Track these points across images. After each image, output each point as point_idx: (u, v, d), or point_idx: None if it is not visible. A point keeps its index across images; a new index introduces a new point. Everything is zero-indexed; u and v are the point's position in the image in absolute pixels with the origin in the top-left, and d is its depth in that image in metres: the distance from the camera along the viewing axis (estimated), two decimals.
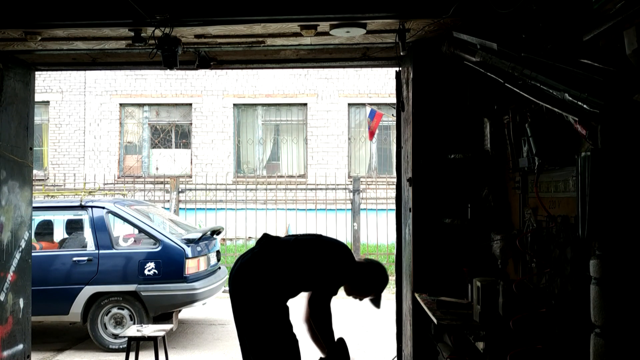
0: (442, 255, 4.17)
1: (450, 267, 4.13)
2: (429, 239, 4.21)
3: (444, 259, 4.16)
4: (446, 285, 4.10)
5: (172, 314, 6.57)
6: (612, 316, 2.22)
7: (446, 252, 4.17)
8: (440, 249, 4.19)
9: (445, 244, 4.18)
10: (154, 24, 3.82)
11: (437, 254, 4.18)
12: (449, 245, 4.17)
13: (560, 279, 2.93)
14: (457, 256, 4.11)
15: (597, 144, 2.35)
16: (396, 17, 3.81)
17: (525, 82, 2.86)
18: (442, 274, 4.17)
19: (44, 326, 7.19)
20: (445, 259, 4.16)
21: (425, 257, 4.21)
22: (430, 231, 4.22)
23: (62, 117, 14.20)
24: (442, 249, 4.18)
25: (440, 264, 4.17)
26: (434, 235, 4.21)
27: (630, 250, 2.24)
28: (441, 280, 4.15)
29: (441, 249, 4.18)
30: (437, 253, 4.18)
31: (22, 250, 5.00)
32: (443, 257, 4.17)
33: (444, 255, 4.17)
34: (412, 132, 4.27)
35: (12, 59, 4.80)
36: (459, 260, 4.08)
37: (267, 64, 5.09)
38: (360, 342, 6.52)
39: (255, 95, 13.98)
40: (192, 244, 6.66)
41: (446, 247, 4.18)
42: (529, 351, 2.87)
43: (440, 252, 4.18)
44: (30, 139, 5.17)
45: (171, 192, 12.27)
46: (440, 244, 4.19)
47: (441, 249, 4.18)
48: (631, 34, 2.24)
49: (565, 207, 2.93)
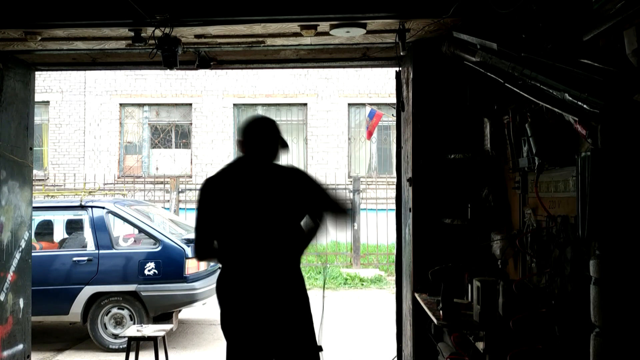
0: (442, 255, 4.17)
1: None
2: (429, 239, 4.22)
3: (444, 259, 4.16)
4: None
5: (172, 314, 6.56)
6: (612, 316, 2.22)
7: (446, 252, 4.17)
8: (440, 249, 4.19)
9: (445, 244, 4.18)
10: (154, 24, 3.82)
11: (437, 254, 4.18)
12: (449, 245, 4.17)
13: (560, 279, 2.93)
14: (457, 256, 4.11)
15: (597, 144, 2.35)
16: (396, 17, 3.81)
17: (525, 82, 2.86)
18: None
19: (44, 326, 7.18)
20: (445, 259, 4.16)
21: (425, 257, 4.20)
22: (430, 231, 4.22)
23: (62, 117, 14.20)
24: (442, 249, 4.18)
25: (440, 264, 4.17)
26: (434, 235, 4.21)
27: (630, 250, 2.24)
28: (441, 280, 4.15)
29: (441, 249, 4.18)
30: (437, 253, 4.18)
31: (22, 250, 5.00)
32: (443, 257, 4.17)
33: (444, 255, 4.17)
34: (412, 132, 4.27)
35: (12, 59, 4.80)
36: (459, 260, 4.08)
37: (267, 64, 5.09)
38: (361, 342, 6.53)
39: (255, 95, 13.98)
40: (192, 244, 6.66)
41: (446, 247, 4.18)
42: (529, 351, 2.87)
43: (440, 252, 4.18)
44: (30, 139, 5.16)
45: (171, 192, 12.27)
46: (440, 244, 4.19)
47: (441, 249, 4.18)
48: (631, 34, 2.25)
49: (565, 207, 2.93)
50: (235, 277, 3.02)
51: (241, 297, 2.98)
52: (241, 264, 3.02)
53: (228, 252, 3.04)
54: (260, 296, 2.96)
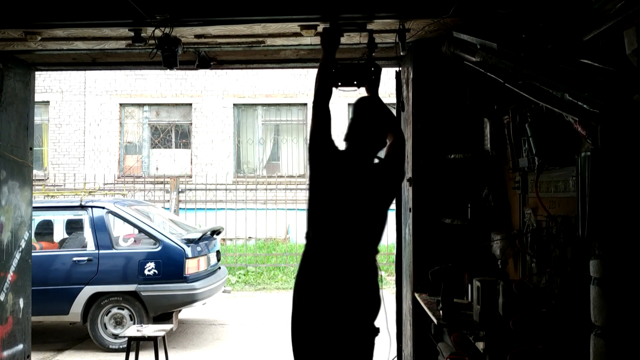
0: (442, 255, 4.17)
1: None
2: (429, 239, 4.21)
3: (444, 259, 4.16)
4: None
5: (172, 314, 6.57)
6: (612, 316, 2.22)
7: (446, 252, 4.17)
8: (440, 249, 4.18)
9: (445, 244, 4.18)
10: (154, 24, 3.81)
11: (437, 254, 4.18)
12: (449, 245, 4.17)
13: (560, 279, 2.92)
14: (457, 256, 4.11)
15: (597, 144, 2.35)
16: (396, 17, 3.81)
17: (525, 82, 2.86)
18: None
19: (44, 326, 7.19)
20: (445, 259, 4.16)
21: (425, 257, 4.20)
22: (430, 231, 4.22)
23: (62, 117, 14.19)
24: (442, 249, 4.18)
25: (440, 264, 4.17)
26: (434, 235, 4.21)
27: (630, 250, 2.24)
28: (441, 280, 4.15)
29: (441, 249, 4.18)
30: (437, 253, 4.18)
31: (22, 250, 5.00)
32: (443, 257, 4.16)
33: (444, 255, 4.16)
34: (412, 132, 4.27)
35: (12, 59, 4.80)
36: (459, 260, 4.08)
37: (267, 64, 5.09)
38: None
39: (255, 95, 13.97)
40: (192, 244, 6.66)
41: (446, 247, 4.18)
42: (529, 351, 2.87)
43: (440, 252, 4.18)
44: (30, 139, 5.16)
45: (171, 192, 12.28)
46: (440, 244, 4.19)
47: (441, 249, 4.18)
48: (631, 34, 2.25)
49: (565, 207, 2.93)
50: (323, 258, 2.93)
51: (326, 275, 2.89)
52: (332, 249, 2.92)
53: (323, 230, 2.96)
54: (343, 278, 2.90)
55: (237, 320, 7.93)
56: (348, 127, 3.08)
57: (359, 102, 3.14)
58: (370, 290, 3.00)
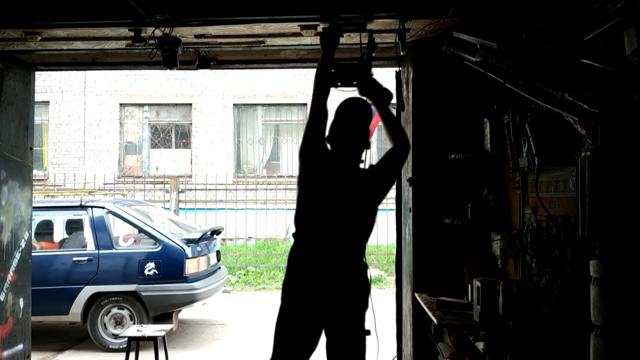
0: (442, 255, 4.17)
1: (450, 267, 4.13)
2: (429, 239, 4.21)
3: (444, 259, 4.16)
4: (446, 285, 4.10)
5: (172, 314, 6.56)
6: (612, 316, 2.23)
7: (446, 252, 4.17)
8: (440, 249, 4.19)
9: (445, 244, 4.18)
10: (154, 24, 3.82)
11: (437, 254, 4.18)
12: (449, 245, 4.18)
13: (560, 279, 2.93)
14: (457, 256, 4.11)
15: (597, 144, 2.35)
16: (396, 17, 3.81)
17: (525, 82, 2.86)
18: (442, 274, 4.17)
19: (44, 326, 7.19)
20: (445, 259, 4.16)
21: (425, 257, 4.21)
22: (430, 231, 4.22)
23: (62, 117, 14.19)
24: (442, 249, 4.18)
25: (440, 264, 4.18)
26: (434, 235, 4.21)
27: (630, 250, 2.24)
28: (441, 280, 4.15)
29: (441, 249, 4.18)
30: (437, 253, 4.18)
31: (22, 250, 5.00)
32: (443, 257, 4.17)
33: (444, 255, 4.17)
34: (412, 132, 4.27)
35: (12, 59, 4.80)
36: (459, 260, 4.08)
37: (267, 64, 5.09)
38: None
39: (255, 95, 13.97)
40: (192, 244, 6.66)
41: (446, 247, 4.18)
42: (529, 351, 2.88)
43: (440, 252, 4.18)
44: (30, 139, 5.17)
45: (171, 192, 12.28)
46: (440, 244, 4.19)
47: (441, 249, 4.18)
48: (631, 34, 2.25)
49: (565, 207, 2.93)
50: (307, 256, 2.95)
51: (310, 273, 2.92)
52: (315, 248, 2.94)
53: (306, 229, 2.99)
54: (328, 277, 2.91)
55: (237, 320, 7.93)
56: (329, 129, 3.11)
57: (341, 104, 3.17)
58: (356, 290, 2.96)
